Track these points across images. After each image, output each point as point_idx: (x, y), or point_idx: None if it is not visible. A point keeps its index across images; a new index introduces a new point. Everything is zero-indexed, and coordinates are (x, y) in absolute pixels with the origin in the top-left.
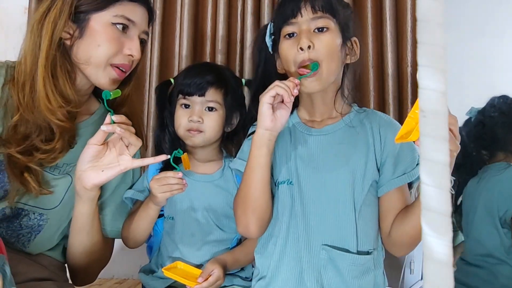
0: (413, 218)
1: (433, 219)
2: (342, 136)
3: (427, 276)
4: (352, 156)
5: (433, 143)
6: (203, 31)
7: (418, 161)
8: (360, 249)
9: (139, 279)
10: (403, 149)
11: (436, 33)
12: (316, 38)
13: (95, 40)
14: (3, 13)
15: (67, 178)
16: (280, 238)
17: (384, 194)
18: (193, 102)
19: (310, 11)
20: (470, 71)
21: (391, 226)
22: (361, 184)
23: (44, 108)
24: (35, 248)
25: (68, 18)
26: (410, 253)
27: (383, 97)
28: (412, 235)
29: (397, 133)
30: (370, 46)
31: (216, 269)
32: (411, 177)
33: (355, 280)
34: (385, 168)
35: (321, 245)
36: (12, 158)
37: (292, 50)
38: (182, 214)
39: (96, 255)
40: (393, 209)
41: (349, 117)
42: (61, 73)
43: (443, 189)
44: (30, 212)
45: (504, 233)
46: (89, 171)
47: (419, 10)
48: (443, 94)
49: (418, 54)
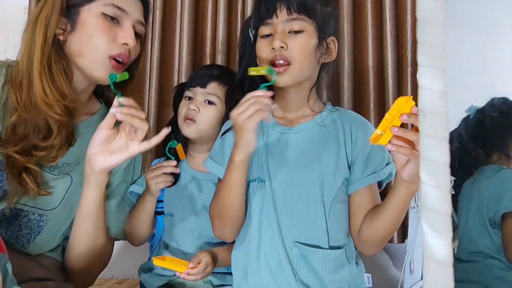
0: (383, 218)
1: (433, 219)
2: (314, 134)
3: (427, 276)
4: (323, 154)
5: (433, 143)
6: (203, 31)
7: (388, 160)
8: (332, 245)
9: (138, 277)
10: (374, 149)
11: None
12: (290, 39)
13: (86, 32)
14: (3, 13)
15: (67, 178)
16: (254, 236)
17: (353, 192)
18: (195, 93)
19: (285, 13)
20: (470, 71)
21: (361, 225)
22: (331, 182)
23: (42, 102)
24: (35, 248)
25: (60, 13)
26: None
27: (383, 97)
28: (381, 234)
29: (368, 133)
30: (370, 46)
31: (205, 257)
32: (380, 176)
33: (330, 275)
34: (355, 166)
35: (293, 242)
36: (10, 158)
37: (266, 50)
38: (181, 211)
39: (98, 251)
40: (362, 207)
41: (321, 116)
42: (57, 69)
43: (443, 189)
44: (29, 213)
45: (495, 233)
46: (98, 155)
47: (419, 10)
48: (443, 94)
49: (418, 54)
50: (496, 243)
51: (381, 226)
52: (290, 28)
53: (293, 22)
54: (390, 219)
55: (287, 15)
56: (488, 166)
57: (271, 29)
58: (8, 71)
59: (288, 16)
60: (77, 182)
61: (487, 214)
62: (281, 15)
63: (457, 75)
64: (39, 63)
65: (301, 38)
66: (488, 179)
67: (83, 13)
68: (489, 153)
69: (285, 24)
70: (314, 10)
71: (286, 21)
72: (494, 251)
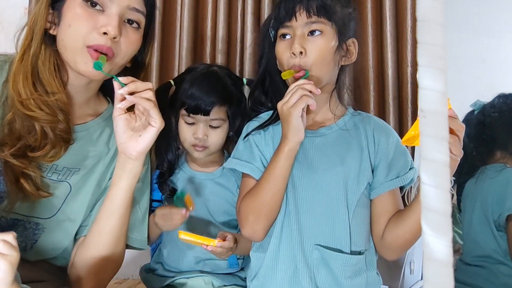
0: (408, 222)
1: (433, 219)
2: (336, 138)
3: (427, 276)
4: (346, 158)
5: (433, 143)
6: (203, 31)
7: (411, 165)
8: (354, 249)
9: (140, 277)
10: (397, 153)
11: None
12: (309, 43)
13: (66, 22)
14: (3, 13)
15: (65, 185)
16: (274, 237)
17: (376, 196)
18: (198, 120)
19: (304, 16)
20: (470, 71)
21: (384, 230)
22: (355, 185)
23: (16, 100)
24: (33, 256)
25: (48, 6)
26: (410, 253)
27: (383, 97)
28: (406, 239)
29: (390, 138)
30: (370, 46)
31: (230, 235)
32: (404, 181)
33: (348, 280)
34: (378, 171)
35: (314, 245)
36: (8, 163)
37: (285, 53)
38: (196, 218)
39: (117, 253)
40: (386, 212)
41: (343, 120)
42: (45, 65)
43: (443, 189)
44: (25, 222)
45: (500, 235)
46: (128, 142)
47: (419, 10)
48: (443, 94)
49: (418, 54)
50: (502, 247)
51: (406, 230)
52: (309, 30)
53: (312, 25)
54: (415, 224)
55: (306, 18)
56: (491, 165)
57: (290, 31)
58: (11, 67)
59: (307, 19)
60: (76, 190)
61: (491, 216)
62: (300, 18)
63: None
64: (18, 61)
65: (320, 41)
66: (491, 179)
67: (66, 2)
68: (491, 152)
69: (304, 27)
70: (334, 12)
71: (306, 24)
72: (501, 255)
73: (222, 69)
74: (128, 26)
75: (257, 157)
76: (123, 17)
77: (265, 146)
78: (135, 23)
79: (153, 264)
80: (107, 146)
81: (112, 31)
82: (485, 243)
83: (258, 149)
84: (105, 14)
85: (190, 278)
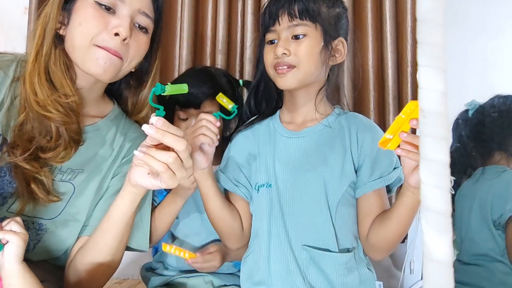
0: (391, 223)
1: (433, 219)
2: (320, 138)
3: (427, 276)
4: (329, 157)
5: (433, 143)
6: (203, 31)
7: (395, 165)
8: (341, 248)
9: (140, 275)
10: (381, 153)
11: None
12: (293, 45)
13: (76, 20)
14: (3, 13)
15: (69, 186)
16: (263, 241)
17: (361, 196)
18: (190, 115)
19: (287, 19)
20: (470, 71)
21: (369, 230)
22: (337, 185)
23: (33, 102)
24: (36, 256)
25: (59, 7)
26: (410, 253)
27: (383, 97)
28: (389, 240)
29: (375, 137)
30: (370, 46)
31: (216, 251)
32: (387, 181)
33: (340, 278)
34: (362, 170)
35: (301, 246)
36: (19, 168)
37: (269, 56)
38: (186, 214)
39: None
40: (370, 212)
41: (327, 120)
42: (56, 66)
43: (443, 189)
44: (29, 222)
45: (499, 234)
46: (137, 166)
47: (419, 10)
48: (443, 94)
49: (418, 54)
50: (501, 245)
51: (389, 232)
52: (292, 33)
53: (295, 28)
54: (398, 225)
55: (289, 22)
56: (490, 167)
57: (275, 36)
58: (18, 67)
59: (290, 22)
60: (79, 191)
61: (491, 216)
62: (283, 22)
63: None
64: (33, 61)
65: (304, 43)
66: (491, 180)
67: (77, 3)
68: (490, 153)
69: (288, 30)
70: (318, 14)
71: (288, 27)
72: (499, 253)
73: (219, 69)
74: (137, 30)
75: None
76: (134, 20)
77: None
78: (144, 28)
79: (154, 263)
80: (111, 147)
81: (123, 32)
82: (483, 241)
83: (228, 160)
84: (116, 16)
85: (190, 278)
